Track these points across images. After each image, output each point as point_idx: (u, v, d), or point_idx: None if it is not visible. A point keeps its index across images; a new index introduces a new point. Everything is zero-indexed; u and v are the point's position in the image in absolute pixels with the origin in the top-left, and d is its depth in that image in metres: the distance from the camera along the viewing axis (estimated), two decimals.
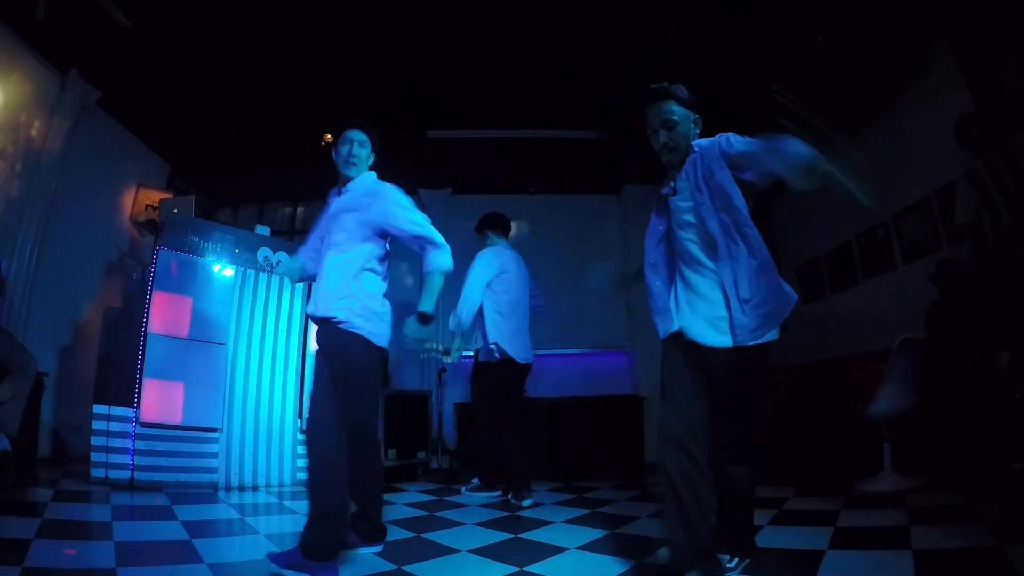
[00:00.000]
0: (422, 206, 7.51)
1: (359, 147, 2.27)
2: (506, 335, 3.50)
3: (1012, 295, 3.02)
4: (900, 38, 4.08)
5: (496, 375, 3.54)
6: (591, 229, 6.68)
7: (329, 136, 5.50)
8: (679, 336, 1.79)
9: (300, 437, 3.65)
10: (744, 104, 4.67)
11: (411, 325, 2.16)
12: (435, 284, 2.16)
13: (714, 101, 4.82)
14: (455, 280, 2.79)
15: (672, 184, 1.90)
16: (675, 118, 1.88)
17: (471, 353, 3.99)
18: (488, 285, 3.58)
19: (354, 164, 2.26)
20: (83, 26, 4.03)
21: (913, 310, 3.93)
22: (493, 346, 3.49)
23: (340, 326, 2.07)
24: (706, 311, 1.75)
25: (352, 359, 2.07)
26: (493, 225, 3.88)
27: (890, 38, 4.03)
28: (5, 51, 3.95)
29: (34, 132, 4.24)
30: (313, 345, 2.24)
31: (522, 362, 3.54)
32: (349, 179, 2.27)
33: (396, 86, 4.96)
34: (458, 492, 3.83)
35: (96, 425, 3.38)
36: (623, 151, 5.71)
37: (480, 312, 3.57)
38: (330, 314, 2.07)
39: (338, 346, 2.08)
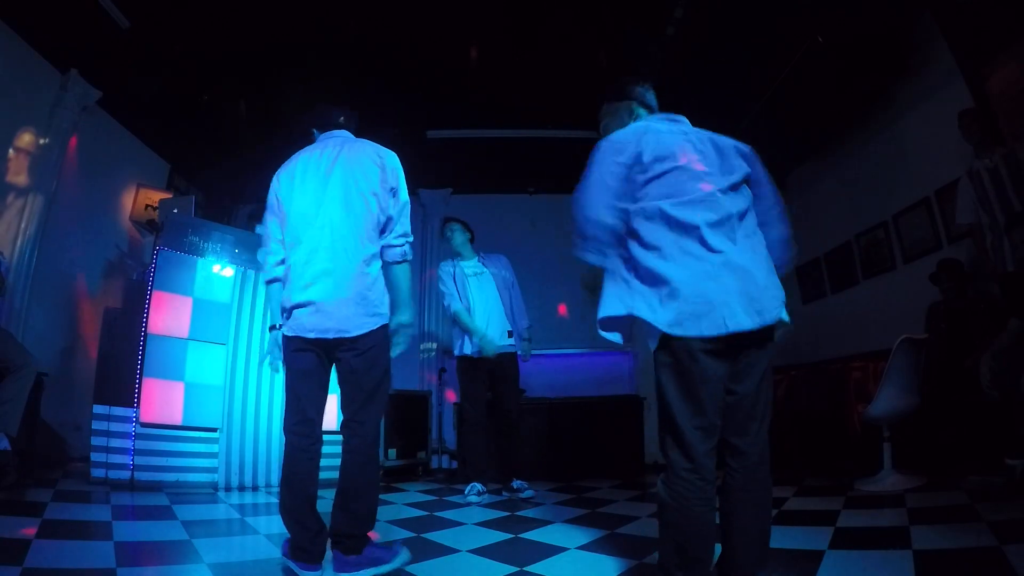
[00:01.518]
0: (422, 206, 7.53)
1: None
2: None
3: (1011, 296, 3.03)
4: (900, 38, 4.08)
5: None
6: None
7: None
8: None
9: None
10: (744, 104, 4.69)
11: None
12: None
13: (714, 102, 4.85)
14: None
15: None
16: None
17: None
18: None
19: None
20: (83, 26, 4.03)
21: (913, 310, 3.93)
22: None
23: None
24: None
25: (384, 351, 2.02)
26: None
27: (890, 38, 4.03)
28: (5, 51, 3.95)
29: (34, 132, 4.24)
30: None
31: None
32: None
33: (396, 86, 4.96)
34: (459, 492, 3.83)
35: (96, 425, 3.38)
36: None
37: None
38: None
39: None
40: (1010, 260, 3.07)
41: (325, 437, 1.98)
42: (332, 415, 2.05)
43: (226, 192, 6.32)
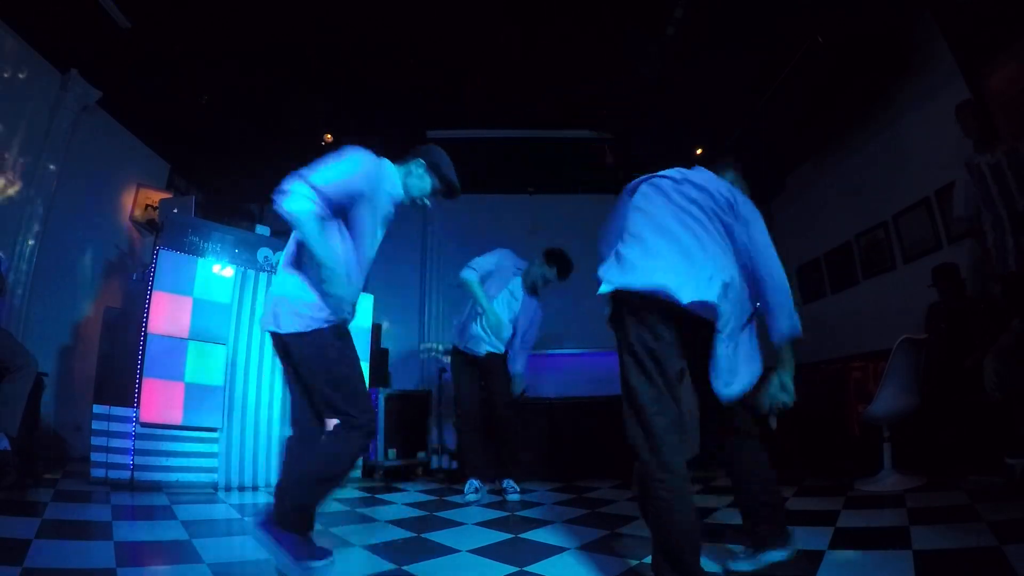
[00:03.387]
0: (421, 206, 7.46)
1: None
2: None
3: (1014, 296, 3.02)
4: (900, 37, 4.08)
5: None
6: (591, 229, 6.67)
7: (330, 136, 5.50)
8: None
9: None
10: (744, 104, 4.69)
11: None
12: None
13: (714, 102, 4.84)
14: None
15: None
16: None
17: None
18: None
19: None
20: (83, 26, 4.03)
21: (913, 310, 3.93)
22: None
23: None
24: None
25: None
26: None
27: (890, 37, 4.03)
28: (5, 51, 3.95)
29: (34, 132, 4.24)
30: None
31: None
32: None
33: (396, 86, 4.96)
34: (459, 492, 3.83)
35: (96, 425, 3.38)
36: (623, 151, 5.71)
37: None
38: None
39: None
40: (1013, 260, 3.05)
41: None
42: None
43: (226, 192, 6.32)
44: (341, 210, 1.87)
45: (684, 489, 1.50)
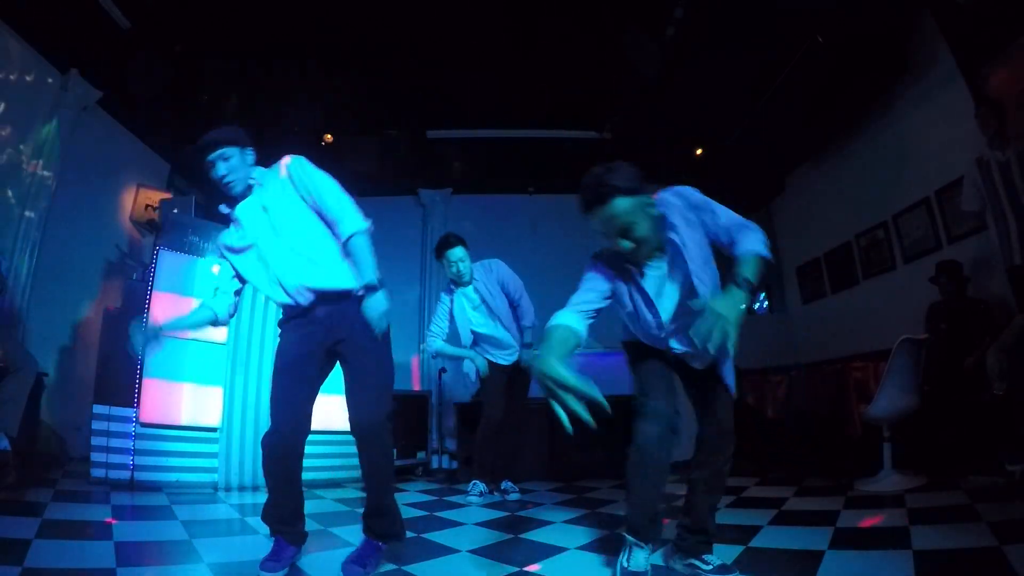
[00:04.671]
0: (422, 206, 7.48)
1: (224, 163, 2.02)
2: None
3: (1020, 289, 3.02)
4: (900, 38, 4.08)
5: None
6: (591, 229, 6.67)
7: (330, 136, 5.50)
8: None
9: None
10: (744, 104, 4.69)
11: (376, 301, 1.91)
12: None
13: (714, 102, 4.84)
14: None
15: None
16: (629, 219, 1.68)
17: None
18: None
19: (231, 182, 2.04)
20: (83, 26, 4.03)
21: (913, 310, 3.94)
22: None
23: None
24: None
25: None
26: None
27: (890, 38, 4.03)
28: (5, 51, 3.95)
29: (34, 132, 4.24)
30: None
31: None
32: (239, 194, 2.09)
33: (396, 86, 4.96)
34: (461, 492, 3.83)
35: (96, 425, 3.38)
36: (623, 151, 5.71)
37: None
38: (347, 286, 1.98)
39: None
40: (1018, 253, 3.06)
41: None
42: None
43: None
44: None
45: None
